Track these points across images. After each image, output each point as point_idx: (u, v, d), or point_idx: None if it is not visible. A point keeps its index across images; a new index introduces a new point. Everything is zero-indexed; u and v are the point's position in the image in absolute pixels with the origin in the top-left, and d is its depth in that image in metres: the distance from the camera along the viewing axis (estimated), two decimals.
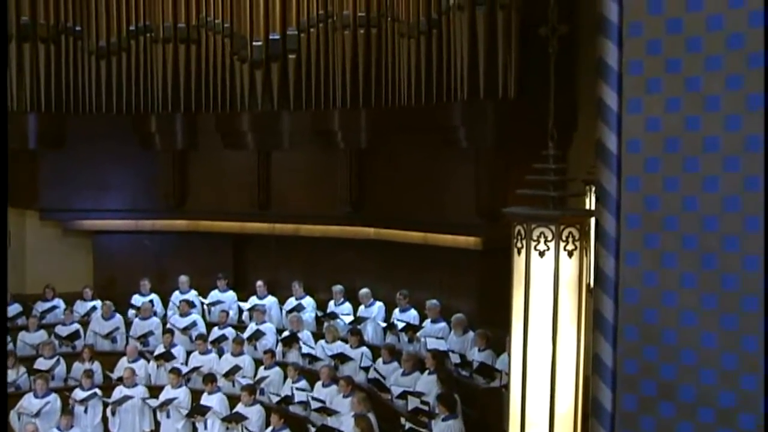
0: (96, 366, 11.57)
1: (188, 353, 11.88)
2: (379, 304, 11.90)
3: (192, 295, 13.12)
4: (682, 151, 2.78)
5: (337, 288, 12.26)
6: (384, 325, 11.57)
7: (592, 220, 3.19)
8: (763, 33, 2.61)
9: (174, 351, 11.71)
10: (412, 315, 11.34)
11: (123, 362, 11.56)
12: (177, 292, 13.16)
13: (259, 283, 12.85)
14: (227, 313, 12.55)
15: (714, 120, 2.72)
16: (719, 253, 2.72)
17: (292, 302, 12.54)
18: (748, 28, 2.63)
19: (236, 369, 11.17)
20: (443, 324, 10.85)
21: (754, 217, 2.65)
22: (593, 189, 4.42)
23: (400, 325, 11.13)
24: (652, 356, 2.91)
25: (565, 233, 3.13)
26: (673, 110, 2.79)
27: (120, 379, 11.14)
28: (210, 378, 10.75)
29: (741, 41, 2.65)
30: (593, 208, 3.18)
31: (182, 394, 10.78)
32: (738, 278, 2.69)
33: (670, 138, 2.80)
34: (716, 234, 2.72)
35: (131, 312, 12.99)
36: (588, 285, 3.22)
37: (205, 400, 10.55)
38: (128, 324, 12.78)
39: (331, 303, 12.29)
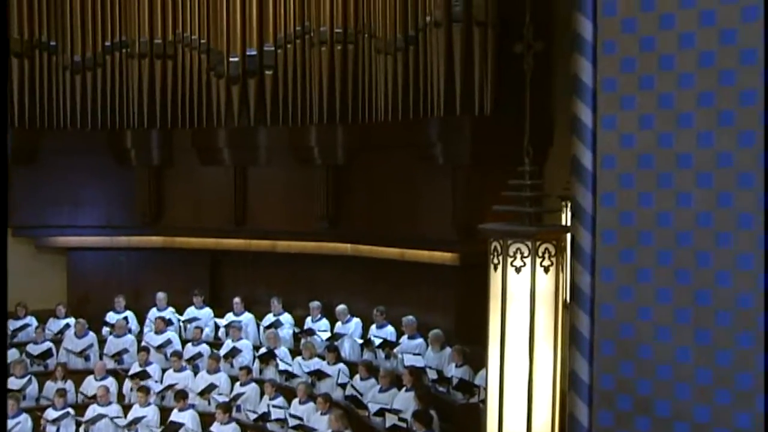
0: (69, 385, 11.41)
1: (163, 371, 11.77)
2: (356, 320, 11.87)
3: (169, 312, 13.00)
4: (656, 167, 2.81)
5: (314, 304, 12.22)
6: (361, 341, 11.53)
7: (568, 236, 3.21)
8: (735, 51, 2.65)
9: (149, 369, 11.59)
10: (389, 331, 11.31)
11: (90, 380, 11.43)
12: (154, 309, 13.05)
13: (236, 299, 12.77)
14: (201, 330, 12.45)
15: (687, 136, 2.75)
16: (693, 269, 2.75)
17: (270, 318, 12.47)
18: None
19: (212, 387, 11.07)
20: (420, 340, 10.83)
21: (726, 232, 2.68)
22: (569, 205, 4.45)
23: (377, 341, 11.10)
24: (629, 371, 2.93)
25: (541, 249, 3.14)
26: (646, 127, 2.82)
27: (94, 398, 11.00)
28: (181, 395, 10.65)
29: (713, 59, 2.69)
30: (569, 223, 3.20)
31: (151, 413, 10.67)
32: (711, 294, 2.71)
33: (644, 154, 2.83)
34: (690, 249, 2.74)
35: (105, 329, 12.84)
36: (564, 300, 3.23)
37: (176, 416, 10.45)
38: (102, 342, 12.63)
39: (309, 319, 12.24)
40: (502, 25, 9.73)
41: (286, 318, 12.45)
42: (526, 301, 3.15)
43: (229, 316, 12.71)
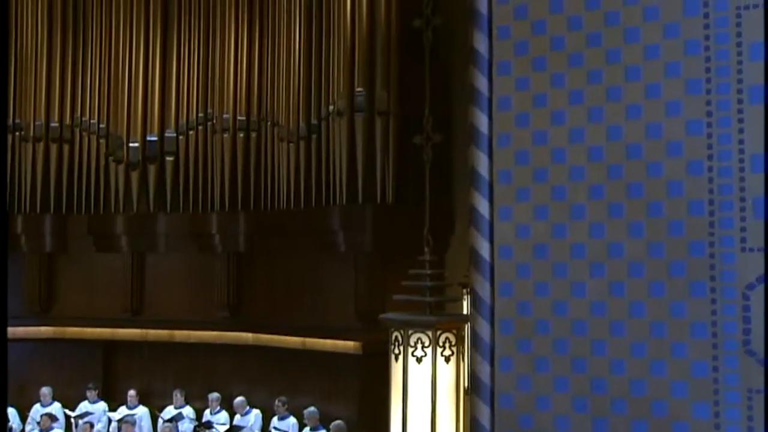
0: None
1: None
2: (256, 411, 11.52)
3: (56, 407, 12.30)
4: (551, 257, 2.87)
5: (214, 396, 11.82)
6: None
7: (468, 325, 3.22)
8: (622, 146, 2.77)
9: None
10: (291, 423, 11.02)
11: None
12: (38, 405, 12.32)
13: (131, 392, 12.22)
14: (92, 425, 11.80)
15: (580, 228, 2.83)
16: (589, 358, 2.79)
17: (171, 411, 11.96)
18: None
19: None
20: (323, 431, 10.58)
21: (619, 321, 2.74)
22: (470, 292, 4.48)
23: None
24: None
25: (441, 339, 3.14)
26: (541, 218, 2.89)
27: None
28: None
29: (601, 153, 2.81)
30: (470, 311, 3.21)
31: None
32: (607, 382, 2.75)
33: (539, 245, 2.89)
34: (585, 339, 2.79)
35: None
36: (466, 390, 3.22)
37: None
38: None
39: (207, 411, 11.81)
40: (403, 116, 9.98)
41: (188, 411, 11.97)
42: (427, 391, 3.13)
43: (122, 410, 12.13)
